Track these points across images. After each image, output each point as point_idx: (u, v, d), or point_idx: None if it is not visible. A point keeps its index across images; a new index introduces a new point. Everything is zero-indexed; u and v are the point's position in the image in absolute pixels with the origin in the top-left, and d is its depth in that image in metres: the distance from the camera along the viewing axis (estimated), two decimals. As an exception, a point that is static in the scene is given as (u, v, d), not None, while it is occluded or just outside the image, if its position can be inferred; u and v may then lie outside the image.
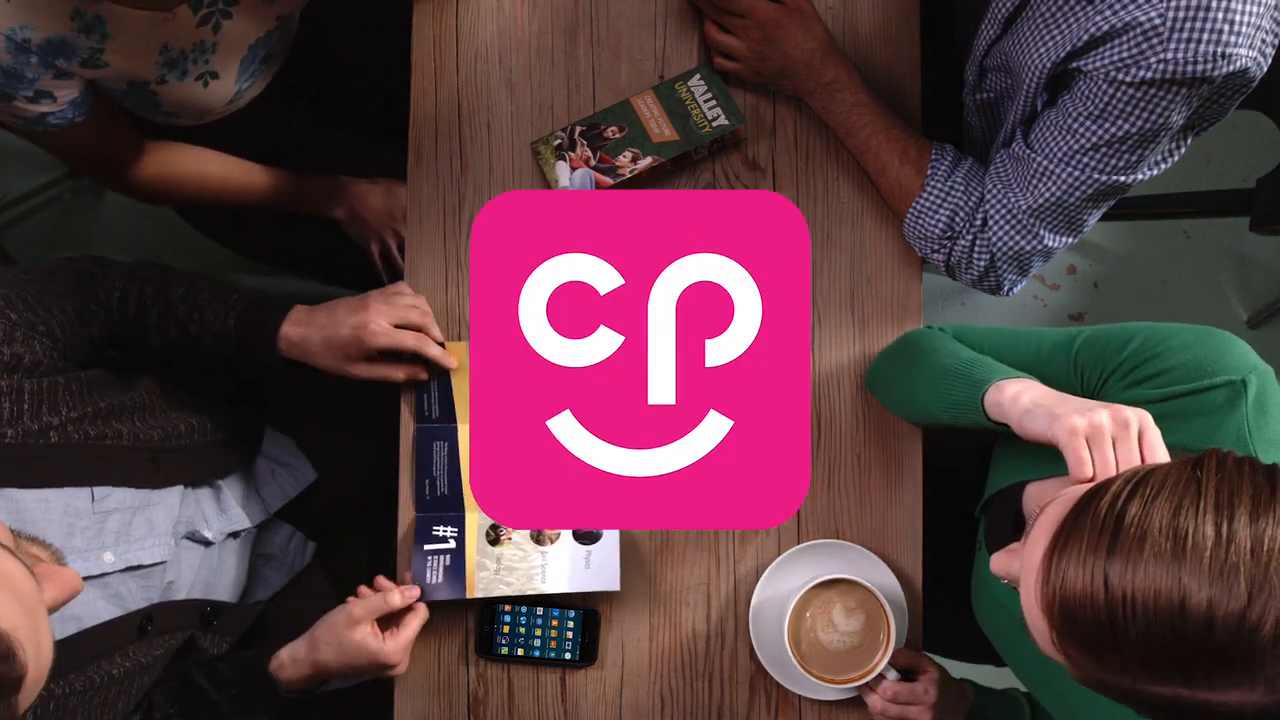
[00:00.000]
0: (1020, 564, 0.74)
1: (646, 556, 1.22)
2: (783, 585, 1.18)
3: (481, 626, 1.19)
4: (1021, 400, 0.87)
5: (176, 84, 1.16)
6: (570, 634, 1.18)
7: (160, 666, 1.11)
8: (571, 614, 1.18)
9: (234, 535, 1.23)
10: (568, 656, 1.18)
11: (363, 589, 1.14)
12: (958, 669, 1.23)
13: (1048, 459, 0.94)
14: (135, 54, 1.10)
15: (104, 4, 1.03)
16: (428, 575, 1.17)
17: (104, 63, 1.08)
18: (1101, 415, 0.79)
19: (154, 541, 1.08)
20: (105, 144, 1.20)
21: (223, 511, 1.20)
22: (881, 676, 1.12)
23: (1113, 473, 0.77)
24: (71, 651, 0.98)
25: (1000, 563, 0.77)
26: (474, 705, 1.21)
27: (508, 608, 1.18)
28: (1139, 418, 0.79)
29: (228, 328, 1.15)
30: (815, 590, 1.13)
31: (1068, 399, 0.84)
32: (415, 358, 1.18)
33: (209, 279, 1.20)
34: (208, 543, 1.18)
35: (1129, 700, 0.68)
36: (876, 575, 1.18)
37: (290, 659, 1.11)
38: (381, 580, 1.15)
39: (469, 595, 1.16)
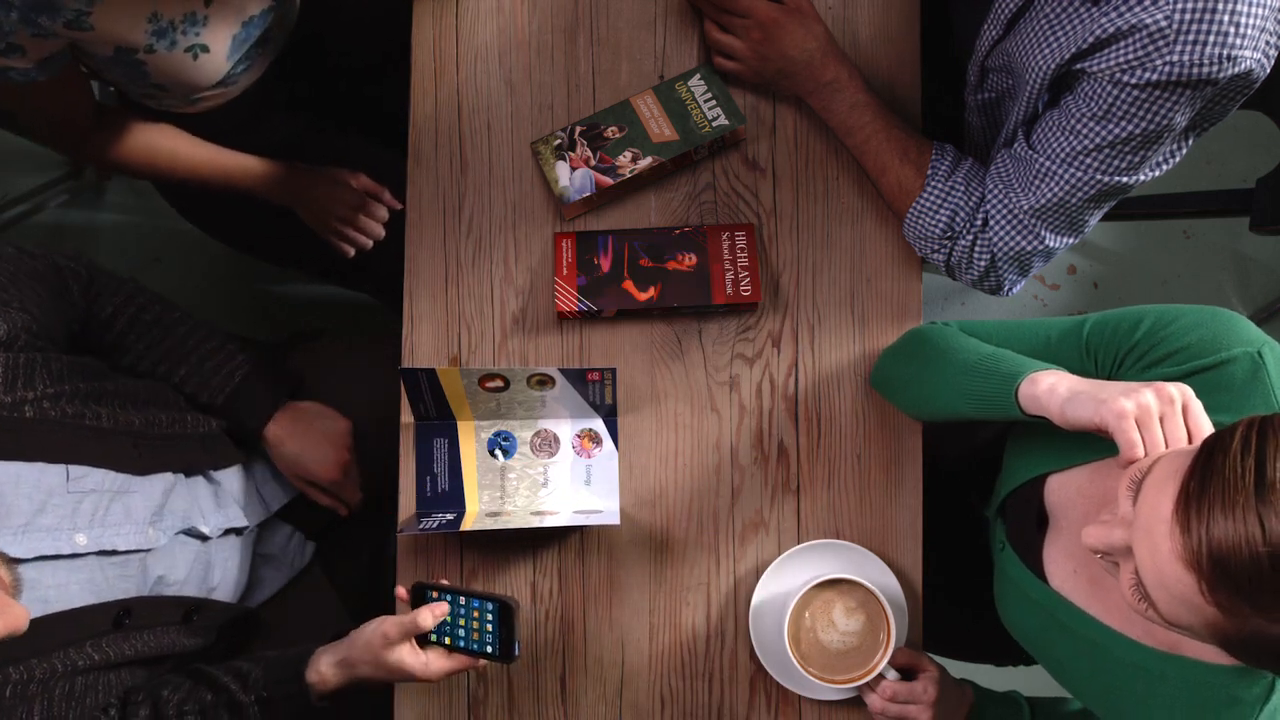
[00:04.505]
0: (1128, 531, 0.74)
1: (647, 556, 1.22)
2: (783, 585, 1.18)
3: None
4: (1059, 390, 0.87)
5: (165, 54, 1.15)
6: (490, 626, 1.08)
7: (132, 665, 1.08)
8: (490, 605, 1.08)
9: (236, 533, 1.23)
10: (489, 650, 1.08)
11: (399, 590, 1.11)
12: (958, 669, 1.23)
13: (1070, 449, 0.95)
14: (123, 19, 1.09)
15: None
16: (420, 525, 1.14)
17: (89, 25, 1.07)
18: (1146, 395, 0.80)
19: (130, 529, 1.06)
20: (57, 106, 1.18)
21: (220, 507, 1.20)
22: (881, 676, 1.11)
23: (1163, 450, 0.78)
24: (35, 635, 0.95)
25: (1097, 535, 0.77)
26: (474, 705, 1.21)
27: (434, 595, 1.10)
28: (1182, 393, 0.80)
29: (218, 402, 1.23)
30: (815, 590, 1.13)
31: (1105, 384, 0.85)
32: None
33: (205, 325, 1.24)
34: (204, 538, 1.17)
35: (1272, 652, 0.69)
36: (876, 575, 1.18)
37: (331, 673, 1.08)
38: (400, 591, 1.11)
39: (463, 528, 1.13)
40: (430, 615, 1.07)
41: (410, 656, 1.06)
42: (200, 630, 1.16)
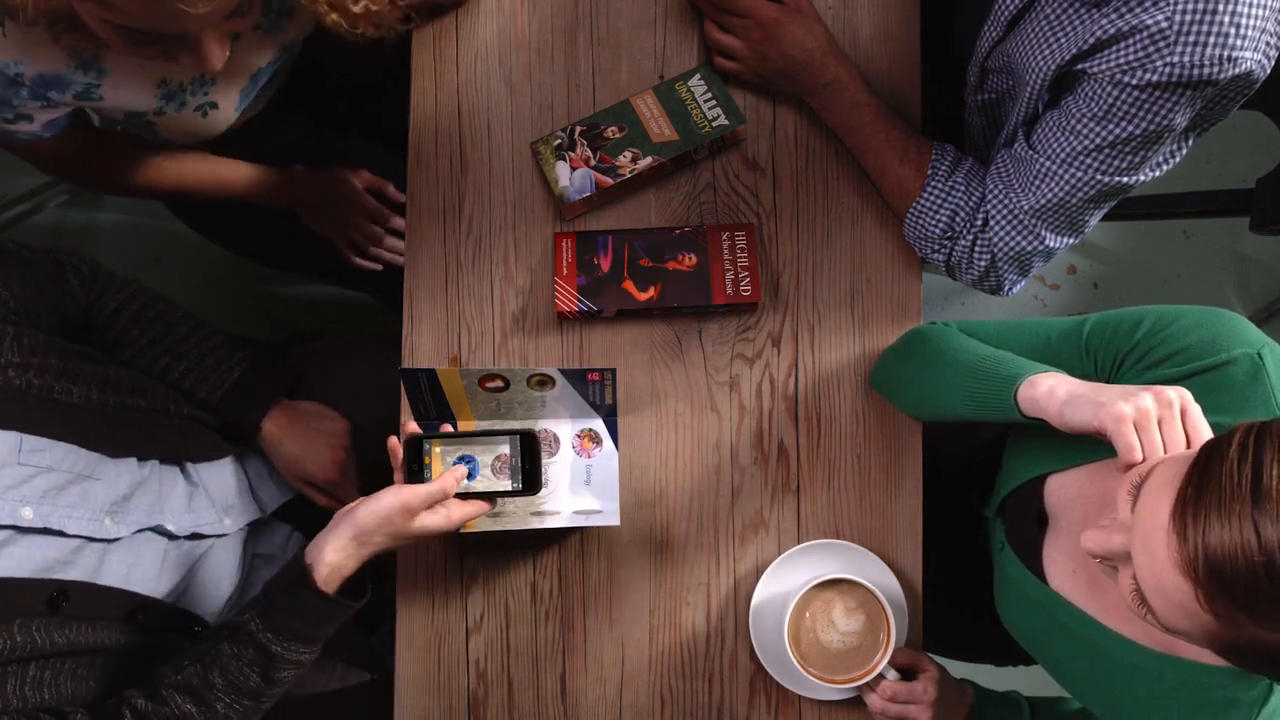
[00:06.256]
0: (1127, 536, 0.74)
1: (647, 556, 1.22)
2: (783, 585, 1.18)
3: (409, 465, 1.04)
4: (1058, 393, 0.87)
5: (174, 115, 1.16)
6: (515, 460, 1.05)
7: (63, 658, 1.01)
8: (509, 440, 1.04)
9: (218, 536, 1.21)
10: (512, 486, 1.05)
11: (392, 440, 1.04)
12: (958, 669, 1.23)
13: (1069, 450, 0.95)
14: (132, 89, 1.10)
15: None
16: None
17: (99, 97, 1.08)
18: (1145, 399, 0.80)
19: (85, 514, 1.02)
20: (65, 155, 1.19)
21: (192, 509, 1.17)
22: (881, 676, 1.12)
23: (1160, 454, 0.78)
24: None
25: (1096, 540, 0.77)
26: (474, 705, 1.21)
27: (436, 442, 1.06)
28: (1180, 396, 0.80)
29: (215, 398, 1.22)
30: (815, 590, 1.13)
31: (1104, 387, 0.85)
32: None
33: (207, 324, 1.25)
34: (173, 536, 1.14)
35: (1268, 658, 0.69)
36: (876, 575, 1.18)
37: (340, 558, 1.00)
38: (393, 442, 1.04)
39: (463, 529, 1.09)
40: (454, 479, 1.02)
41: (432, 517, 1.01)
42: (144, 631, 1.10)
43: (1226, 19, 0.90)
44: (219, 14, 0.90)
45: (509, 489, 1.05)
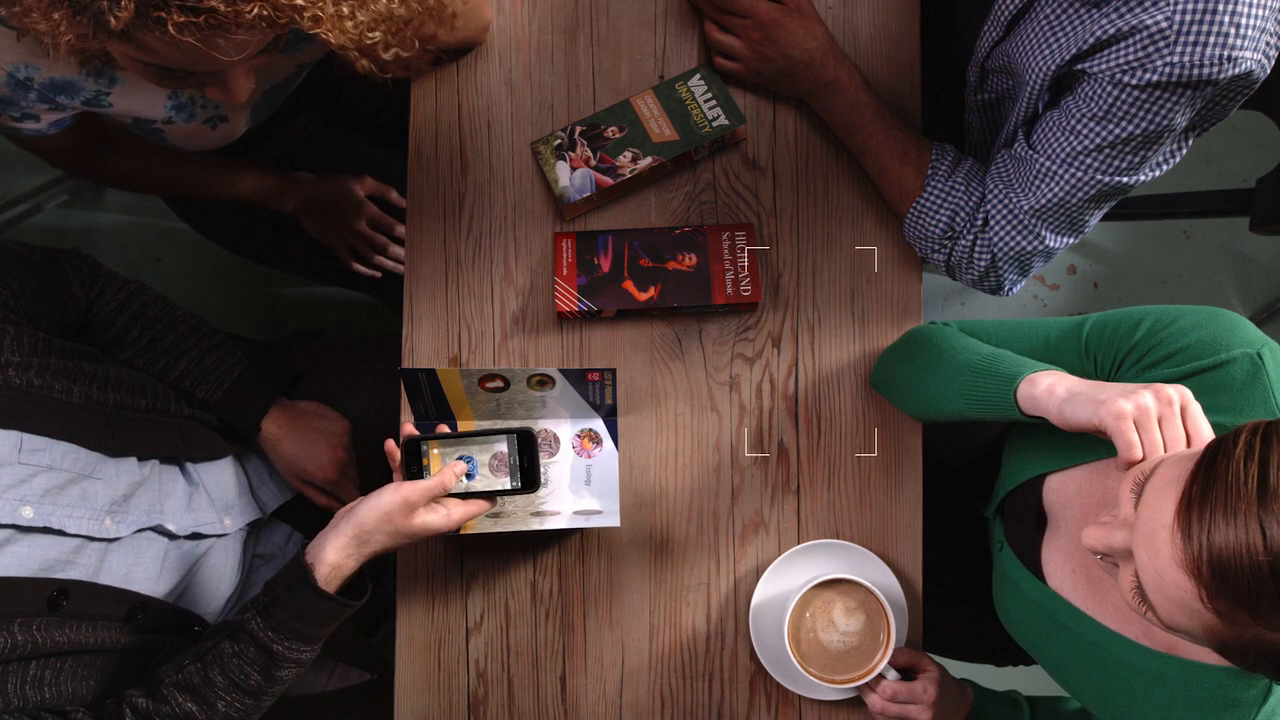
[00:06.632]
0: (1129, 533, 0.74)
1: (647, 556, 1.22)
2: (783, 585, 1.18)
3: (409, 467, 1.05)
4: (1058, 391, 0.87)
5: (183, 125, 1.16)
6: (512, 459, 1.06)
7: (68, 662, 1.01)
8: (507, 438, 1.05)
9: (218, 535, 1.21)
10: (511, 485, 1.05)
11: (389, 444, 1.04)
12: (958, 669, 1.23)
13: (1069, 449, 0.95)
14: (143, 99, 1.10)
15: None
16: None
17: (109, 104, 1.09)
18: (1145, 397, 0.80)
19: (85, 513, 1.02)
20: (70, 148, 1.20)
21: (191, 509, 1.17)
22: (881, 676, 1.12)
23: (1160, 452, 0.78)
24: None
25: (1097, 536, 0.77)
26: (474, 705, 1.21)
27: (434, 443, 1.06)
28: (1180, 395, 0.80)
29: (215, 398, 1.22)
30: (815, 590, 1.13)
31: (1104, 385, 0.85)
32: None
33: (207, 325, 1.25)
34: (173, 536, 1.14)
35: (1269, 658, 0.69)
36: (876, 575, 1.18)
37: (341, 557, 1.00)
38: (390, 445, 1.04)
39: (463, 530, 1.11)
40: (453, 475, 1.02)
41: (432, 516, 1.01)
42: (144, 630, 1.10)
43: (1226, 19, 0.90)
44: (250, 55, 0.91)
45: (508, 488, 1.05)
